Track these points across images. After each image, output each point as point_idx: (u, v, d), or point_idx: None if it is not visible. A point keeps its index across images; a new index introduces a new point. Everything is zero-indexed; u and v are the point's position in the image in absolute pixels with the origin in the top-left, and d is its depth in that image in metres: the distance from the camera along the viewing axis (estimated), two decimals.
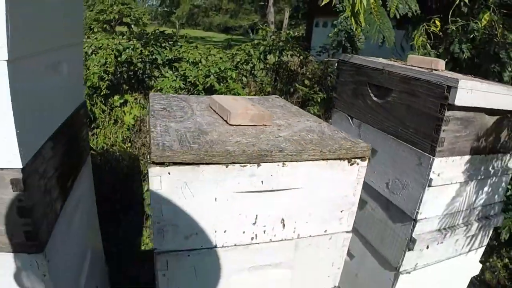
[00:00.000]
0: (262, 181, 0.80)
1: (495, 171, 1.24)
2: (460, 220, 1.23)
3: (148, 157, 0.73)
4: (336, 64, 1.48)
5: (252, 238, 0.85)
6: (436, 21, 1.95)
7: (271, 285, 0.94)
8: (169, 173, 0.72)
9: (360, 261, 1.35)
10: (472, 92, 1.00)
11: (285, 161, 0.80)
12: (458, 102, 0.98)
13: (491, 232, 1.41)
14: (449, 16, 1.91)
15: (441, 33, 1.80)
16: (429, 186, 1.06)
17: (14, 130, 0.67)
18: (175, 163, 0.72)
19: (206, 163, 0.74)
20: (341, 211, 0.92)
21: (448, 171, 1.08)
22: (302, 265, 0.94)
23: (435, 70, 1.19)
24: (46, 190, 0.82)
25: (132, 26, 6.38)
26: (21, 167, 0.69)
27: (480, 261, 1.62)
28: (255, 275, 0.91)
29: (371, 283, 1.30)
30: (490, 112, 1.10)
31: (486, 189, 1.26)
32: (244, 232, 0.84)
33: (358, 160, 0.88)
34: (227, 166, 0.75)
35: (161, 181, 0.72)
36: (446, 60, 1.75)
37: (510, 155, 1.27)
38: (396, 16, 1.71)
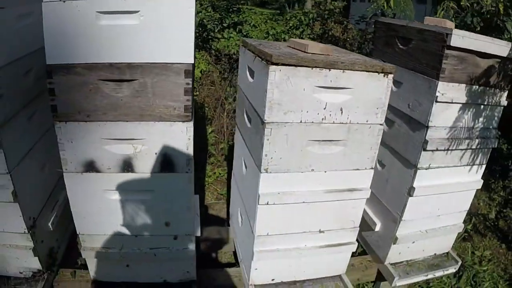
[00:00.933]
0: (331, 80, 1.47)
1: (488, 100, 1.86)
2: (463, 134, 1.86)
3: (267, 60, 1.41)
4: (373, 25, 2.14)
5: (322, 119, 1.52)
6: None
7: (331, 157, 1.60)
8: (280, 70, 1.40)
9: (389, 168, 1.99)
10: (463, 38, 1.64)
11: (344, 69, 1.46)
12: (453, 43, 1.61)
13: (489, 153, 2.01)
14: None
15: (458, 8, 2.43)
16: (436, 101, 1.70)
17: (193, 40, 1.37)
18: (283, 64, 1.40)
19: (301, 66, 1.41)
20: (377, 108, 1.57)
21: (450, 93, 1.72)
22: (351, 143, 1.60)
23: (443, 27, 1.83)
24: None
25: None
26: (192, 62, 1.40)
27: (495, 211, 2.22)
28: (322, 147, 1.57)
29: (397, 182, 1.94)
30: (480, 54, 1.73)
31: (483, 114, 1.88)
32: (318, 114, 1.51)
33: (387, 74, 1.53)
34: (312, 69, 1.43)
35: (275, 74, 1.40)
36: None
37: (500, 90, 1.89)
38: None
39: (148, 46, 1.37)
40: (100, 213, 1.63)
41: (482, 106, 1.86)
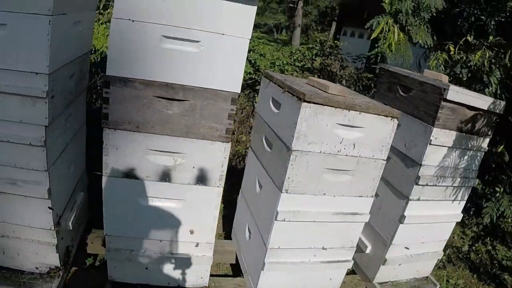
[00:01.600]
0: (348, 119, 1.84)
1: (471, 146, 2.29)
2: (449, 173, 2.28)
3: (299, 98, 1.76)
4: (377, 70, 2.56)
5: (338, 151, 1.88)
6: (450, 47, 3.08)
7: (341, 184, 1.96)
8: (310, 107, 1.75)
9: (382, 197, 2.38)
10: (457, 93, 2.07)
11: (361, 111, 1.84)
12: (449, 97, 2.04)
13: (469, 191, 2.45)
14: (456, 49, 3.05)
15: (449, 60, 2.92)
16: (430, 144, 2.11)
17: (242, 73, 1.71)
18: (313, 102, 1.75)
19: (327, 105, 1.77)
20: (382, 146, 1.96)
21: (442, 138, 2.14)
22: (358, 174, 1.97)
23: (440, 81, 2.26)
24: None
25: None
26: (239, 92, 1.73)
27: (468, 245, 2.67)
28: (335, 175, 1.93)
29: (389, 210, 2.33)
30: (469, 107, 2.17)
31: (466, 157, 2.31)
32: (335, 146, 1.87)
33: (394, 118, 1.93)
34: (335, 108, 1.79)
35: (306, 110, 1.75)
36: (451, 78, 2.87)
37: (483, 138, 2.33)
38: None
39: (203, 72, 1.70)
40: (131, 216, 1.91)
41: (466, 150, 2.29)
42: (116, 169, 1.81)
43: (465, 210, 2.61)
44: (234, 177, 3.06)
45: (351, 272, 2.60)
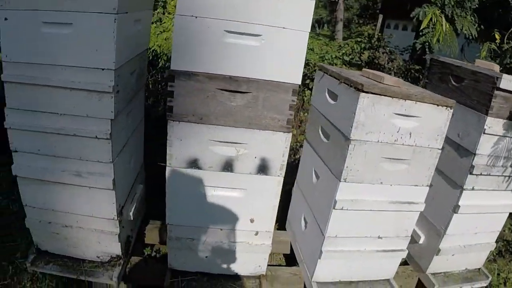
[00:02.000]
0: (405, 109, 1.93)
1: None
2: (502, 162, 2.34)
3: (357, 88, 1.87)
4: (427, 61, 2.64)
5: (395, 140, 1.98)
6: (496, 35, 3.13)
7: (397, 173, 2.06)
8: (368, 97, 1.86)
9: (435, 187, 2.45)
10: (510, 82, 2.14)
11: (417, 101, 1.93)
12: (502, 86, 2.11)
13: None
14: (505, 38, 3.10)
15: (498, 50, 2.98)
16: (484, 133, 2.18)
17: (303, 65, 1.84)
18: (371, 92, 1.86)
19: (384, 95, 1.88)
20: (437, 135, 2.04)
21: (495, 126, 2.20)
22: (414, 163, 2.06)
23: (492, 70, 2.33)
24: None
25: None
26: (299, 83, 1.86)
27: None
28: (391, 164, 2.03)
29: (443, 200, 2.40)
30: None
31: None
32: (392, 136, 1.97)
33: (448, 107, 2.01)
34: (392, 98, 1.89)
35: (364, 101, 1.86)
36: (501, 68, 2.92)
37: None
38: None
39: (265, 65, 1.83)
40: (193, 206, 2.06)
41: None
42: (180, 160, 1.96)
43: None
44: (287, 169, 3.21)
45: (404, 263, 2.69)
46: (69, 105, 1.83)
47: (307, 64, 4.06)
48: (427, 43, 2.94)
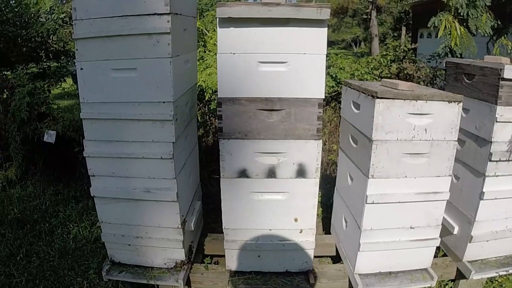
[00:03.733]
0: (417, 108, 2.52)
1: None
2: None
3: (372, 96, 2.47)
4: (444, 64, 3.22)
5: (412, 137, 2.55)
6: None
7: (419, 166, 2.62)
8: (383, 102, 2.46)
9: (462, 179, 2.98)
10: None
11: (427, 100, 2.51)
12: (506, 76, 2.64)
13: None
14: None
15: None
16: (496, 122, 2.72)
17: (324, 81, 2.47)
18: (385, 98, 2.45)
19: (397, 98, 2.47)
20: (451, 128, 2.59)
21: (506, 114, 2.72)
22: (433, 155, 2.61)
23: (499, 63, 2.88)
24: None
25: None
26: (323, 97, 2.49)
27: None
28: (412, 159, 2.59)
29: (470, 190, 2.92)
30: None
31: None
32: (409, 133, 2.54)
33: (457, 102, 2.58)
34: (404, 100, 2.49)
35: (380, 105, 2.46)
36: None
37: None
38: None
39: (293, 86, 2.46)
40: (244, 210, 2.68)
41: None
42: (231, 171, 2.61)
43: None
44: (330, 184, 3.79)
45: (443, 255, 3.19)
46: (138, 133, 2.52)
47: (339, 83, 4.72)
48: (448, 48, 3.52)
